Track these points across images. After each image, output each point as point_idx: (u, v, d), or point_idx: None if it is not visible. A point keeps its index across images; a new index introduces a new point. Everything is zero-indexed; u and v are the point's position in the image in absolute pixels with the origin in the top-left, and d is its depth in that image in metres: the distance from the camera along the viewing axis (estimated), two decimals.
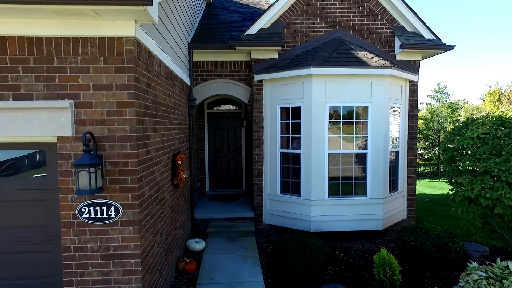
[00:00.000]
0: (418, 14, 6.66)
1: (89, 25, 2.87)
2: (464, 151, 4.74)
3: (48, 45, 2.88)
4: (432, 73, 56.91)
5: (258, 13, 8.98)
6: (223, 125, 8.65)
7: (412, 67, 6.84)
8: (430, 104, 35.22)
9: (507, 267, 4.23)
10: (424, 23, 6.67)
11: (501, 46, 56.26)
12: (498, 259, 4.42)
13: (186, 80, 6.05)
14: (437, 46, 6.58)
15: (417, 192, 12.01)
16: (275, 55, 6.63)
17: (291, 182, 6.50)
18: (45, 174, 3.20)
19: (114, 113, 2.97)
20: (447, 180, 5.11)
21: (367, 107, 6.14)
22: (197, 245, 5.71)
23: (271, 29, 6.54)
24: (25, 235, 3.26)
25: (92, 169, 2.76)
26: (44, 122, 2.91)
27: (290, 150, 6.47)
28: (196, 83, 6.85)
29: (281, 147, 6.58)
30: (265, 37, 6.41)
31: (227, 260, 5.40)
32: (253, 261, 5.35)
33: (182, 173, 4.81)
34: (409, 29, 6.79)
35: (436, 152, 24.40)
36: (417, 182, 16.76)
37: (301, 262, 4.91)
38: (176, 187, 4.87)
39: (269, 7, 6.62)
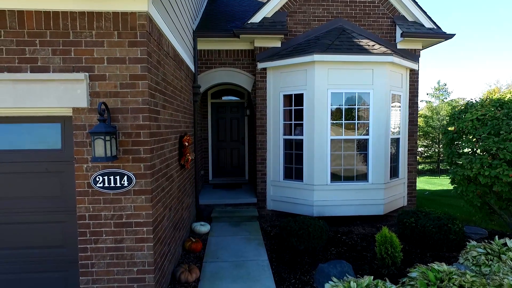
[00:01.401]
0: (418, 3, 6.78)
1: (104, 0, 2.99)
2: (464, 133, 4.86)
3: (64, 19, 3.00)
4: (433, 71, 57.01)
5: (260, 5, 9.12)
6: (226, 115, 8.77)
7: (413, 55, 6.96)
8: (430, 102, 35.39)
9: (505, 244, 4.36)
10: (425, 12, 6.79)
11: (500, 46, 56.39)
12: (496, 237, 4.56)
13: (191, 67, 6.17)
14: (437, 34, 6.70)
15: (417, 188, 12.16)
16: (278, 44, 6.75)
17: (294, 168, 6.62)
18: (60, 147, 3.32)
19: (127, 85, 3.09)
20: (447, 162, 5.22)
21: (368, 94, 6.26)
22: (202, 227, 5.82)
23: (274, 18, 6.66)
24: (40, 206, 3.38)
25: (107, 137, 2.88)
26: (60, 93, 3.03)
27: (293, 137, 6.59)
28: (201, 71, 6.97)
29: (284, 134, 6.70)
30: (269, 26, 6.53)
31: (232, 241, 5.52)
32: (257, 243, 5.47)
33: (188, 154, 4.93)
34: (409, 18, 6.91)
35: (436, 150, 24.53)
36: (417, 179, 16.92)
37: (305, 241, 5.03)
38: (182, 168, 4.99)
39: None
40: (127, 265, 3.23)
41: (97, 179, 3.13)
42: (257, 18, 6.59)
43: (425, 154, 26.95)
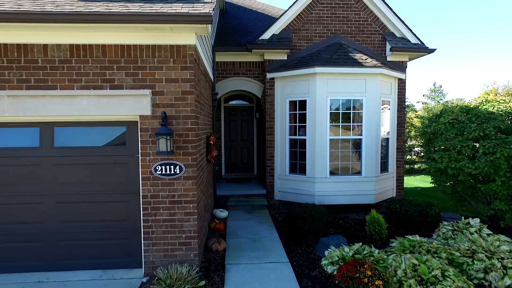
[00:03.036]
0: (405, 22, 7.89)
1: (163, 37, 4.09)
2: (438, 134, 5.96)
3: (135, 50, 4.10)
4: (430, 72, 58.17)
5: (266, 18, 10.24)
6: (237, 118, 9.87)
7: (401, 67, 8.08)
8: (426, 103, 36.54)
9: (468, 223, 5.47)
10: (410, 30, 7.91)
11: (499, 46, 57.53)
12: (463, 217, 5.67)
13: (211, 77, 7.27)
14: (421, 49, 7.81)
15: (411, 186, 13.22)
16: (284, 57, 7.86)
17: (298, 163, 7.72)
18: (125, 145, 4.41)
19: (179, 99, 4.19)
20: (426, 158, 6.33)
21: (362, 100, 7.36)
22: (222, 213, 6.92)
23: (282, 35, 7.76)
24: (111, 189, 4.48)
25: (168, 137, 3.98)
26: (131, 104, 4.13)
27: (297, 137, 7.69)
28: (218, 80, 8.07)
29: (290, 134, 7.80)
30: (277, 42, 7.63)
31: (247, 224, 6.62)
32: (268, 225, 6.58)
33: (213, 151, 6.03)
34: (398, 35, 8.02)
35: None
36: (413, 178, 18.03)
37: (308, 222, 6.14)
38: (208, 162, 6.09)
39: (280, 16, 7.83)
40: (178, 232, 4.33)
41: (157, 168, 4.23)
42: (266, 35, 7.69)
43: (422, 153, 28.05)
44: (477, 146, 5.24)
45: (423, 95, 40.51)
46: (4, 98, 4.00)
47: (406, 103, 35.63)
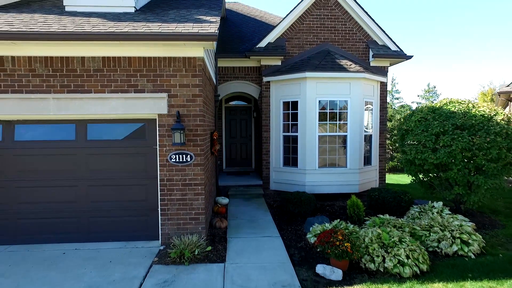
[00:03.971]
0: (386, 32, 8.88)
1: (177, 51, 5.07)
2: (410, 130, 6.94)
3: (155, 61, 5.08)
4: (430, 73, 59.16)
5: (263, 26, 11.22)
6: (236, 117, 10.86)
7: (382, 71, 9.06)
8: (420, 103, 37.55)
9: (433, 206, 6.44)
10: (391, 39, 8.89)
11: (496, 47, 58.54)
12: (430, 201, 6.66)
13: (214, 80, 8.24)
14: (400, 56, 8.80)
15: (402, 183, 14.16)
16: (279, 62, 8.84)
17: (290, 157, 8.70)
18: (145, 138, 5.40)
19: (190, 100, 5.17)
20: (400, 151, 7.31)
21: (347, 101, 8.34)
22: (223, 200, 7.90)
23: (276, 43, 8.74)
24: (132, 175, 5.46)
25: (181, 131, 4.96)
26: (151, 105, 5.10)
27: (290, 133, 8.67)
28: (220, 83, 9.05)
29: (283, 131, 8.78)
30: (272, 49, 8.61)
31: (245, 209, 7.60)
32: (264, 210, 7.56)
33: (216, 145, 7.01)
34: (380, 43, 9.01)
35: None
36: (405, 175, 19.01)
37: (298, 206, 7.12)
38: (212, 155, 7.07)
39: (275, 26, 8.81)
40: (188, 209, 5.31)
41: (172, 157, 5.21)
42: (263, 43, 8.67)
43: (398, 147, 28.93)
44: (438, 140, 6.23)
45: (418, 96, 41.54)
46: (50, 100, 4.97)
47: (402, 104, 36.54)
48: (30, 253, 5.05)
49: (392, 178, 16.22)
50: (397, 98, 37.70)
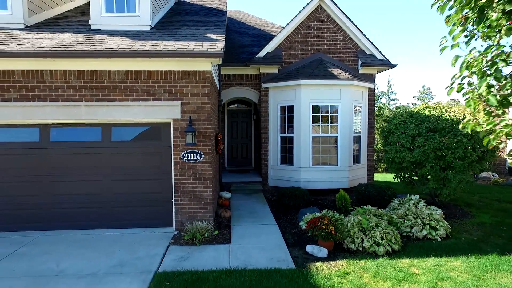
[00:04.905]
0: (374, 43, 9.80)
1: (189, 65, 5.99)
2: (391, 132, 7.88)
3: (170, 74, 6.00)
4: (429, 74, 60.21)
5: (262, 34, 12.14)
6: (237, 119, 11.78)
7: (370, 78, 9.99)
8: (415, 104, 38.56)
9: (411, 199, 7.36)
10: (378, 49, 9.82)
11: None
12: (408, 194, 7.58)
13: (218, 87, 9.16)
14: (386, 64, 9.73)
15: (392, 180, 15.04)
16: (276, 70, 9.76)
17: (287, 156, 9.62)
18: (161, 139, 6.31)
19: (199, 107, 6.08)
20: (383, 151, 8.23)
21: (338, 105, 9.26)
22: (226, 194, 8.80)
23: (274, 53, 9.66)
24: (149, 171, 6.37)
25: (193, 134, 5.88)
26: (167, 111, 6.02)
27: (286, 135, 9.59)
28: (223, 89, 9.97)
29: (280, 133, 9.70)
30: (270, 59, 9.53)
31: (246, 202, 8.52)
32: (263, 203, 8.48)
33: (220, 145, 7.93)
34: (368, 52, 9.93)
35: None
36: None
37: (293, 200, 8.04)
38: (217, 154, 7.98)
39: (273, 36, 9.73)
40: (198, 200, 6.22)
41: (184, 155, 6.13)
42: (262, 53, 9.59)
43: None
44: (414, 141, 7.16)
45: (413, 97, 42.51)
46: (82, 107, 5.89)
47: (398, 105, 37.36)
48: (64, 237, 5.96)
49: (387, 177, 17.13)
50: (393, 99, 38.68)
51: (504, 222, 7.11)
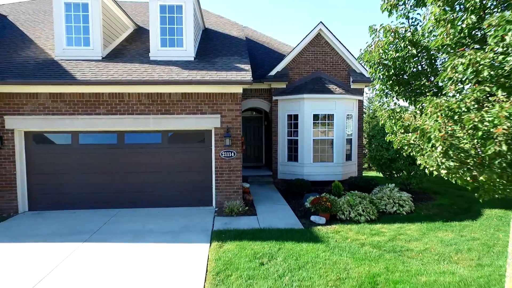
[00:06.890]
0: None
1: (226, 89, 8.36)
2: (375, 136, 10.28)
3: (212, 95, 8.37)
4: None
5: (271, 53, 14.50)
6: (251, 124, 14.16)
7: (360, 92, 12.40)
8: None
9: (388, 187, 9.77)
10: (365, 68, 12.20)
11: None
12: (387, 184, 10.00)
13: None
14: (371, 81, 12.11)
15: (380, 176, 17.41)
16: (284, 86, 12.14)
17: (293, 155, 11.99)
18: (204, 142, 8.68)
19: (233, 119, 8.45)
20: (368, 150, 10.63)
21: (333, 114, 11.64)
22: (246, 184, 11.16)
23: (282, 72, 12.04)
24: (195, 166, 8.73)
25: (229, 138, 8.25)
26: (210, 122, 8.39)
27: (292, 137, 11.97)
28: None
29: (288, 136, 12.08)
30: (279, 77, 11.92)
31: (261, 191, 10.90)
32: (275, 191, 10.87)
33: (243, 145, 10.30)
34: (357, 71, 12.33)
35: None
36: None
37: (299, 188, 10.43)
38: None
39: (280, 55, 12.10)
40: (232, 186, 8.59)
41: (222, 153, 8.49)
42: (273, 72, 11.97)
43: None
44: (390, 143, 9.58)
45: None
46: (150, 119, 8.25)
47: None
48: (137, 212, 8.32)
49: (380, 176, 19.56)
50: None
51: (456, 203, 9.53)
